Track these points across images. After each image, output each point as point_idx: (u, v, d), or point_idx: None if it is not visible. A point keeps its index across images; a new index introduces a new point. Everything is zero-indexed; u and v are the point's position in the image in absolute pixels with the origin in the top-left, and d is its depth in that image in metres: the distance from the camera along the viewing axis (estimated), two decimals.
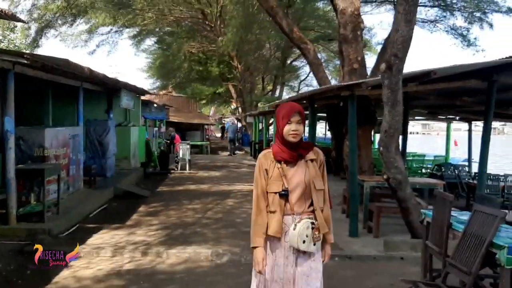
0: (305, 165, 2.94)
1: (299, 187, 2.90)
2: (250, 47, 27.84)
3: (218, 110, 60.76)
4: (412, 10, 5.47)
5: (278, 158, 2.92)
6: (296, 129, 2.87)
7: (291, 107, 2.93)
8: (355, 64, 10.43)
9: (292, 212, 2.90)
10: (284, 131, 2.87)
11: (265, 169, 2.94)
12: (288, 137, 2.88)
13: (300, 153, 2.93)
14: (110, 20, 22.54)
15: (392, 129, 6.22)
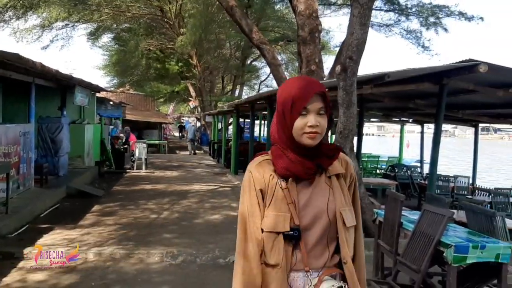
0: (327, 184, 1.74)
1: (318, 223, 1.69)
2: (210, 46, 27.71)
3: (177, 109, 60.14)
4: (366, 14, 5.59)
5: (283, 172, 1.70)
6: (315, 123, 1.64)
7: (308, 85, 1.68)
8: (312, 66, 10.53)
9: (305, 266, 1.68)
10: (295, 127, 1.66)
11: (260, 189, 1.72)
12: (301, 137, 1.66)
13: (319, 164, 1.72)
14: (64, 15, 21.88)
15: (347, 130, 6.33)
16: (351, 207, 1.76)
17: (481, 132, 67.96)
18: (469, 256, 3.87)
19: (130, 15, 25.21)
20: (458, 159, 40.57)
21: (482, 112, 12.21)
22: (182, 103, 49.64)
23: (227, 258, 6.04)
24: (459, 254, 3.85)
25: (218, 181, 14.57)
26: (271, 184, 1.70)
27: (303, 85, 1.67)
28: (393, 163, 17.19)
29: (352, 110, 6.24)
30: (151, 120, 28.39)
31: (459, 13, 12.97)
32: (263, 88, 38.99)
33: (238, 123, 17.84)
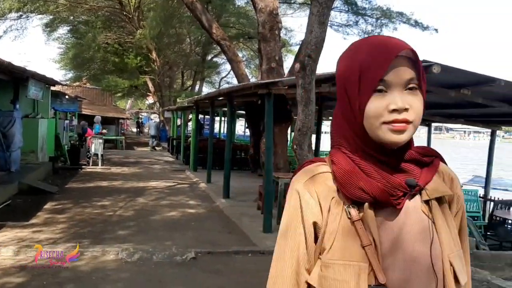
0: (425, 212, 1.08)
1: (415, 280, 1.02)
2: (170, 41, 27.40)
3: (135, 104, 59.10)
4: (325, 13, 5.65)
5: (355, 193, 1.03)
6: (403, 105, 1.01)
7: (386, 43, 1.03)
8: (272, 63, 10.61)
9: None
10: (368, 113, 1.02)
11: (314, 222, 1.06)
12: (379, 131, 1.02)
13: (412, 181, 1.05)
14: (18, 5, 21.07)
15: (305, 128, 6.39)
16: (461, 251, 1.08)
17: (434, 132, 70.66)
18: None
19: (88, 7, 24.55)
20: None
21: (435, 112, 12.59)
22: (141, 98, 48.84)
23: (184, 255, 5.99)
24: None
25: (177, 178, 14.42)
26: (333, 213, 1.03)
27: (377, 44, 1.02)
28: None
29: (310, 108, 6.30)
30: (108, 115, 27.75)
31: (415, 22, 13.39)
32: (224, 84, 38.92)
33: (197, 119, 17.72)
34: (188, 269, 5.56)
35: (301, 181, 1.08)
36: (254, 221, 8.31)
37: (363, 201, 1.02)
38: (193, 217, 8.83)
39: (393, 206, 1.03)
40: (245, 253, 6.37)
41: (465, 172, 29.01)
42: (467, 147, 70.21)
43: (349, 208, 1.02)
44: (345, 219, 1.02)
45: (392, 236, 1.02)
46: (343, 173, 1.04)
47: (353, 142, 1.06)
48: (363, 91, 1.01)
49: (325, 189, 1.06)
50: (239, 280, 5.31)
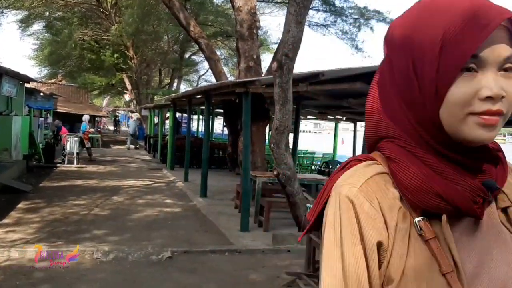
0: (502, 222, 0.82)
1: None
2: (147, 38, 27.13)
3: (112, 102, 58.37)
4: (302, 12, 5.69)
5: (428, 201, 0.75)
6: (501, 92, 0.72)
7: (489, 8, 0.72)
8: (250, 62, 10.64)
9: None
10: (451, 100, 0.73)
11: (378, 242, 0.74)
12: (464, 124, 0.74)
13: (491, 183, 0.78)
14: None
15: (282, 127, 6.43)
16: None
17: None
18: None
19: (64, 3, 24.14)
20: None
21: None
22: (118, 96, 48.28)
23: (160, 254, 5.96)
24: None
25: (153, 177, 14.31)
26: (400, 229, 0.76)
27: (472, 5, 0.73)
28: (328, 159, 17.69)
29: (287, 107, 6.34)
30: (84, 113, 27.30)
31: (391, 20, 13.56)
32: (202, 82, 38.77)
33: (175, 117, 17.62)
34: (164, 268, 5.53)
35: (354, 185, 0.76)
36: (231, 220, 8.31)
37: (439, 212, 0.75)
38: (170, 216, 8.79)
39: (474, 217, 0.77)
40: (222, 252, 6.37)
41: None
42: None
43: (421, 221, 0.75)
44: (416, 238, 0.75)
45: (475, 257, 0.76)
46: (411, 174, 0.76)
47: (416, 134, 0.78)
48: (446, 69, 0.72)
49: (388, 197, 0.77)
50: (215, 279, 5.31)
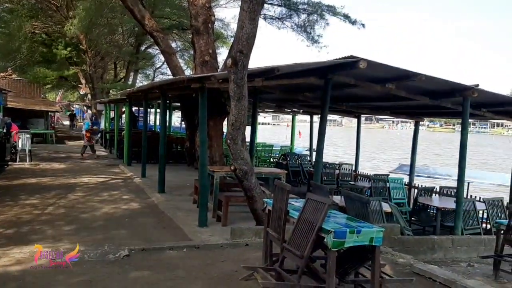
0: None
1: None
2: (101, 31, 26.41)
3: (65, 96, 56.62)
4: (256, 9, 5.73)
5: None
6: None
7: None
8: (206, 56, 10.60)
9: None
10: None
11: None
12: None
13: None
14: None
15: (238, 122, 6.47)
16: None
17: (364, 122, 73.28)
18: (347, 240, 4.19)
19: None
20: (343, 145, 43.33)
21: (363, 105, 13.15)
22: (72, 90, 46.88)
23: (117, 253, 5.89)
24: (338, 239, 4.15)
25: (110, 173, 14.07)
26: None
27: None
28: (286, 152, 17.91)
29: (243, 103, 6.38)
30: (36, 108, 26.41)
31: (344, 15, 13.85)
32: (158, 75, 38.15)
33: (131, 112, 17.35)
34: (121, 267, 5.48)
35: None
36: (189, 216, 8.31)
37: None
38: (127, 213, 8.69)
39: None
40: (180, 248, 6.36)
41: (393, 160, 30.53)
42: (395, 136, 73.67)
43: None
44: None
45: None
46: None
47: None
48: None
49: None
50: (173, 276, 5.31)
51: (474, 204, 9.22)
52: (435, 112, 13.46)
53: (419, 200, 10.55)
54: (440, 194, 10.94)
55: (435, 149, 48.68)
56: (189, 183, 10.75)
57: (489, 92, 8.86)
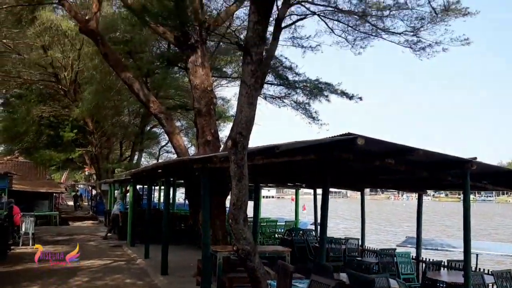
0: None
1: None
2: (108, 113, 27.21)
3: (71, 176, 57.06)
4: (253, 94, 6.00)
5: None
6: None
7: None
8: (208, 136, 10.88)
9: None
10: None
11: None
12: None
13: None
14: None
15: (240, 202, 6.54)
16: None
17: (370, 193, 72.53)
18: None
19: (21, 81, 24.20)
20: (349, 218, 42.81)
21: (365, 179, 13.21)
22: (77, 170, 47.35)
23: None
24: None
25: (113, 255, 13.88)
26: None
27: None
28: (290, 227, 17.72)
29: (244, 182, 6.49)
30: (41, 190, 26.59)
31: (341, 92, 14.35)
32: (163, 153, 38.64)
33: (135, 192, 17.44)
34: None
35: None
36: None
37: None
38: None
39: None
40: None
41: (401, 233, 30.06)
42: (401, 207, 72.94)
43: None
44: None
45: None
46: None
47: None
48: None
49: None
50: None
51: (483, 277, 8.99)
52: (437, 185, 13.47)
53: (428, 275, 10.29)
54: (449, 268, 10.69)
55: (443, 220, 47.99)
56: (193, 263, 10.59)
57: (488, 165, 8.95)
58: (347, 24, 13.72)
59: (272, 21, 13.21)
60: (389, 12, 12.67)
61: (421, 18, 12.33)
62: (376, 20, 13.10)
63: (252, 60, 5.82)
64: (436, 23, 12.24)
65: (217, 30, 13.21)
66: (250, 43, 5.85)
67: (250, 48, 5.83)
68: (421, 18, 12.33)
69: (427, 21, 12.31)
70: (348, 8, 12.99)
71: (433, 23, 12.26)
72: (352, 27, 13.72)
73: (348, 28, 13.78)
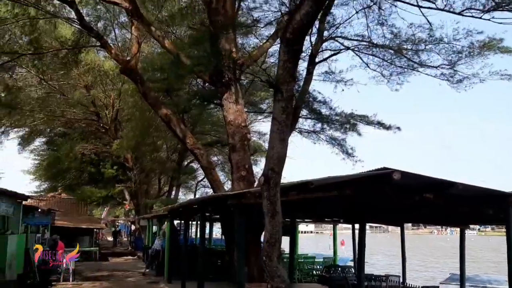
0: None
1: None
2: (146, 149, 27.89)
3: (111, 212, 58.15)
4: (285, 131, 6.03)
5: None
6: None
7: None
8: (243, 172, 10.94)
9: None
10: None
11: None
12: None
13: None
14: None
15: (273, 239, 6.47)
16: None
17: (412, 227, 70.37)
18: None
19: (65, 120, 25.23)
20: (390, 254, 41.45)
21: (403, 214, 12.85)
22: (117, 206, 48.26)
23: None
24: None
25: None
26: None
27: None
28: (329, 263, 17.33)
29: (277, 219, 6.44)
30: (82, 226, 27.20)
31: (377, 122, 14.24)
32: (200, 188, 38.97)
33: (172, 228, 17.55)
34: None
35: None
36: None
37: None
38: None
39: None
40: None
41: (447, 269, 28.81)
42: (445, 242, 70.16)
43: None
44: None
45: None
46: None
47: None
48: None
49: None
50: None
51: None
52: (479, 219, 12.96)
53: None
54: None
55: (489, 255, 45.80)
56: None
57: None
58: (382, 59, 13.72)
59: (305, 57, 13.42)
60: (425, 46, 12.61)
61: (458, 52, 12.20)
62: (412, 54, 13.03)
63: (283, 97, 5.88)
64: (474, 57, 12.07)
65: (250, 67, 13.45)
66: (281, 80, 5.93)
67: (281, 85, 5.90)
68: (458, 52, 12.20)
69: (465, 55, 12.16)
70: (383, 43, 13.02)
71: (471, 57, 12.10)
72: (388, 62, 13.69)
73: (384, 63, 13.76)
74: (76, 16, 13.68)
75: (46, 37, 17.23)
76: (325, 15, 12.31)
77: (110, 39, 19.01)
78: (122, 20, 18.96)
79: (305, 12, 5.59)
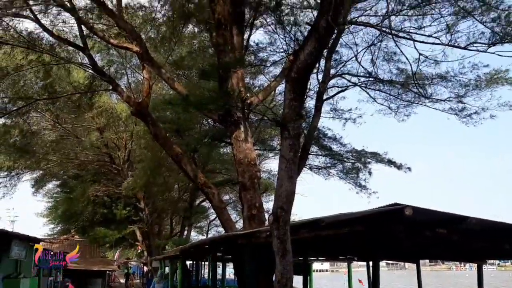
0: None
1: None
2: (158, 189, 27.95)
3: (123, 254, 57.70)
4: (293, 168, 6.05)
5: None
6: None
7: None
8: (253, 210, 10.89)
9: None
10: None
11: None
12: None
13: None
14: (9, 164, 21.86)
15: (284, 279, 6.39)
16: None
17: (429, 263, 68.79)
18: None
19: (78, 162, 25.50)
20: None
21: (418, 250, 12.59)
22: (129, 248, 47.96)
23: None
24: None
25: None
26: None
27: None
28: None
29: (288, 258, 6.37)
30: (94, 269, 27.04)
31: (388, 161, 14.22)
32: (212, 227, 38.62)
33: (184, 268, 17.38)
34: None
35: None
36: None
37: None
38: None
39: None
40: None
41: None
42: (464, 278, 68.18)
43: None
44: None
45: None
46: None
47: None
48: None
49: None
50: None
51: None
52: (496, 254, 12.65)
53: None
54: None
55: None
56: None
57: None
58: (389, 93, 13.83)
59: (313, 94, 13.57)
60: (431, 80, 12.69)
61: (465, 85, 12.26)
62: (419, 88, 13.11)
63: (290, 135, 5.94)
64: (481, 89, 12.10)
65: (259, 105, 13.60)
66: (287, 118, 6.00)
67: (287, 123, 5.97)
68: (465, 85, 12.26)
69: (472, 88, 12.20)
70: (389, 78, 13.15)
71: (478, 89, 12.13)
72: (394, 96, 13.80)
73: (390, 97, 13.87)
74: (89, 62, 14.07)
75: (60, 82, 17.69)
76: (330, 53, 12.52)
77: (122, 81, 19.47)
78: (134, 63, 19.45)
79: (308, 52, 5.71)
